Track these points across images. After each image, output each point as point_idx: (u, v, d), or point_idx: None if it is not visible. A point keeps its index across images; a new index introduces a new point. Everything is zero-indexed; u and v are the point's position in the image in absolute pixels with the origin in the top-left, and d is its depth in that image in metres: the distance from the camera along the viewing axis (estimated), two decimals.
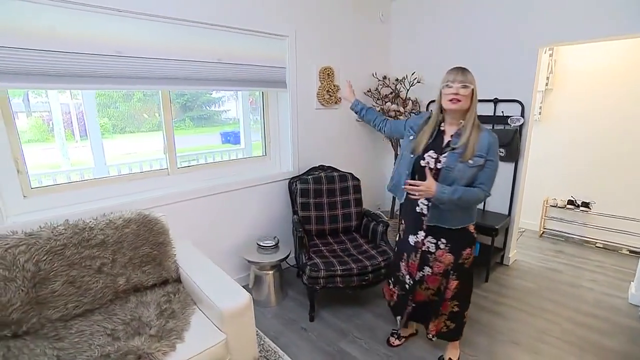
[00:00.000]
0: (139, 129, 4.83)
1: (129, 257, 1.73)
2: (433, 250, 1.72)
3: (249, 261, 2.37)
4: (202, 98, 6.00)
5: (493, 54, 2.84)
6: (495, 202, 3.05)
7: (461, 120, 1.61)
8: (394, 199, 3.45)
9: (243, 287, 1.72)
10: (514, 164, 2.90)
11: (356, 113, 2.11)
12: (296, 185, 2.61)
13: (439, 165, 1.61)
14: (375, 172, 3.65)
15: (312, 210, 2.61)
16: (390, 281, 2.01)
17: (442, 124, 1.69)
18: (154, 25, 1.95)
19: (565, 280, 2.83)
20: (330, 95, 2.92)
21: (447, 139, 1.65)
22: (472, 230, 1.72)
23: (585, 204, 3.52)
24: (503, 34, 2.77)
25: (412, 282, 1.83)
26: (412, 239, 1.79)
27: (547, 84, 3.49)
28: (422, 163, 1.66)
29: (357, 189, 2.74)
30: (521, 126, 2.78)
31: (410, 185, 1.59)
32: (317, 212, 2.62)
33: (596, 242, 3.52)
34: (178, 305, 1.65)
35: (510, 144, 2.77)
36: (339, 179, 2.71)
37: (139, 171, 4.53)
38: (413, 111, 3.17)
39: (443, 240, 1.69)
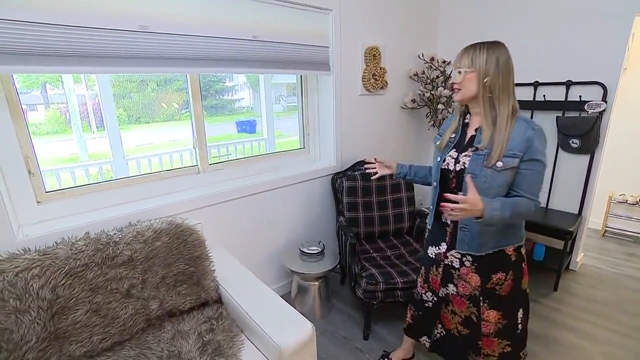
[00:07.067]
0: (153, 119, 4.57)
1: (162, 276, 1.45)
2: (457, 266, 1.39)
3: (292, 271, 2.08)
4: (215, 86, 5.70)
5: (571, 25, 2.41)
6: (563, 199, 2.68)
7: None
8: None
9: (282, 296, 1.49)
10: (589, 157, 2.50)
11: (403, 178, 1.70)
12: (342, 182, 2.28)
13: (458, 167, 1.29)
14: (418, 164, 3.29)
15: (360, 210, 2.28)
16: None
17: (467, 116, 1.35)
18: None
19: None
20: (376, 80, 2.56)
21: (470, 133, 1.32)
22: (510, 253, 1.31)
23: None
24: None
25: (435, 298, 1.52)
26: (431, 251, 1.48)
27: None
28: (443, 165, 1.34)
29: (410, 186, 2.40)
30: (601, 113, 2.38)
31: (448, 202, 1.16)
32: (365, 212, 2.30)
33: None
34: (223, 336, 1.36)
35: (588, 133, 2.37)
36: (389, 175, 2.36)
37: (159, 164, 4.34)
38: None
39: (469, 258, 1.34)
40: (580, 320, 2.15)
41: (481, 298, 1.36)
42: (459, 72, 1.24)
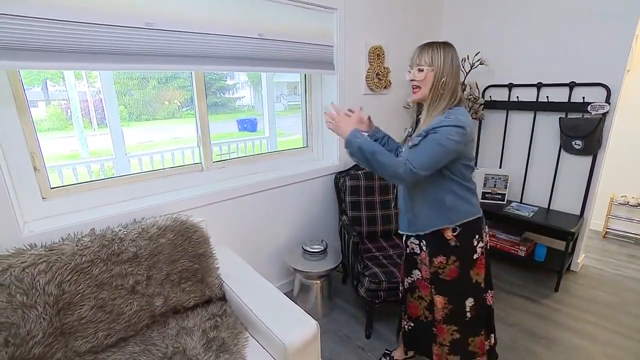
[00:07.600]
0: (154, 116, 4.57)
1: (166, 273, 1.45)
2: (418, 252, 1.48)
3: (295, 269, 2.08)
4: (216, 84, 5.70)
5: (575, 26, 2.41)
6: (564, 201, 2.68)
7: None
8: None
9: (285, 294, 1.50)
10: (591, 158, 2.51)
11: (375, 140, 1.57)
12: (345, 181, 2.29)
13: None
14: None
15: (363, 210, 2.29)
16: None
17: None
18: None
19: None
20: (380, 79, 2.56)
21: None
22: (449, 238, 1.33)
23: None
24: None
25: (402, 288, 1.61)
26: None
27: None
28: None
29: None
30: (604, 114, 2.38)
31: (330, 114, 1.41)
32: (368, 212, 2.30)
33: None
34: (227, 333, 1.37)
35: (591, 134, 2.38)
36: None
37: (161, 162, 4.35)
38: (470, 97, 2.78)
39: (423, 242, 1.43)
40: (582, 321, 2.16)
41: (429, 281, 1.43)
42: (419, 70, 1.26)
